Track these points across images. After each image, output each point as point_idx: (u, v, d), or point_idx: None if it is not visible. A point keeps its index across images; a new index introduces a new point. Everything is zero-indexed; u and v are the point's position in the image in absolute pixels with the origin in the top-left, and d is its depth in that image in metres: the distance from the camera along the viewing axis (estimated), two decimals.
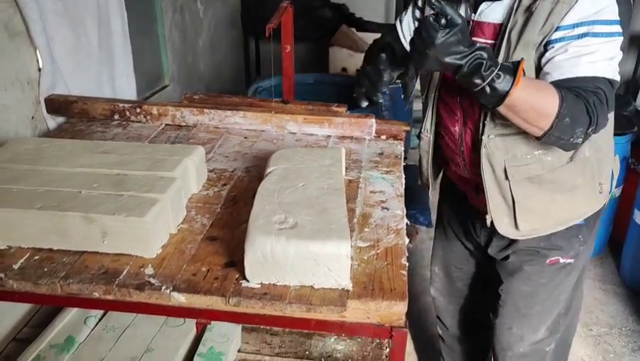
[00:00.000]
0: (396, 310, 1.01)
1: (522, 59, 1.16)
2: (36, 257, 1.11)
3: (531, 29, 1.23)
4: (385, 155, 1.59)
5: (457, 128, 1.45)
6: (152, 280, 1.05)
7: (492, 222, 1.43)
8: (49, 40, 1.74)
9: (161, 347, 1.51)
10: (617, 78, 1.21)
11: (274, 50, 2.02)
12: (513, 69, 1.14)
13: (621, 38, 1.19)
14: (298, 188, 1.21)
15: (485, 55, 1.13)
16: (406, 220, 1.28)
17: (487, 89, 1.14)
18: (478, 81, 1.13)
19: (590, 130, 1.19)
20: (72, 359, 1.46)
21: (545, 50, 1.25)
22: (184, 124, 1.79)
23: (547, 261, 1.49)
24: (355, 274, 1.07)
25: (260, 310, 1.02)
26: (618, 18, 1.18)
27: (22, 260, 1.10)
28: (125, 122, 1.79)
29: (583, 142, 1.23)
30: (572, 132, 1.18)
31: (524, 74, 1.15)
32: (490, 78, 1.12)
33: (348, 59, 3.77)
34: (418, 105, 1.67)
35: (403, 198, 1.37)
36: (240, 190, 1.40)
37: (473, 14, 1.34)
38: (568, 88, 1.17)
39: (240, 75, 4.63)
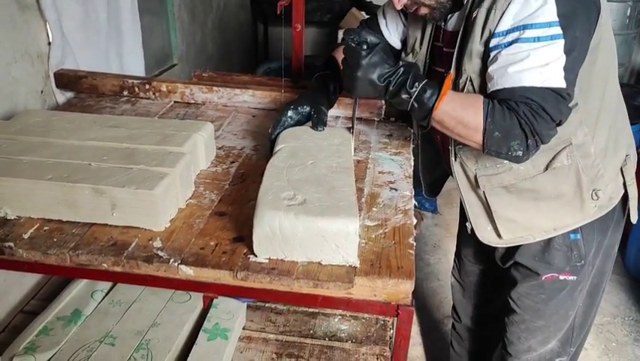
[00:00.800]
0: (402, 289, 1.01)
1: (449, 73, 1.18)
2: (45, 228, 1.12)
3: (474, 37, 1.19)
4: (394, 137, 1.59)
5: (438, 137, 1.43)
6: (161, 253, 1.05)
7: (473, 231, 1.40)
8: (59, 14, 1.74)
9: (167, 322, 1.52)
10: (559, 84, 1.10)
11: (284, 30, 2.01)
12: (439, 84, 1.14)
13: (561, 41, 1.08)
14: (307, 166, 1.21)
15: (410, 70, 1.15)
16: (414, 202, 1.28)
17: (415, 104, 1.15)
18: (405, 96, 1.15)
19: (530, 142, 1.12)
20: (79, 331, 1.47)
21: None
22: (193, 101, 1.78)
23: (544, 278, 1.43)
24: (363, 252, 1.07)
25: (267, 285, 1.02)
26: (556, 19, 1.08)
27: (31, 230, 1.10)
28: (133, 99, 1.79)
29: (530, 154, 1.15)
30: (507, 146, 1.13)
31: (461, 89, 1.19)
32: (416, 93, 1.14)
33: None
34: None
35: (412, 179, 1.37)
36: (248, 168, 1.40)
37: (443, 23, 1.32)
38: (500, 100, 1.13)
39: (247, 57, 4.62)
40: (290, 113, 1.39)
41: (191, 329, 1.55)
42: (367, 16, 1.53)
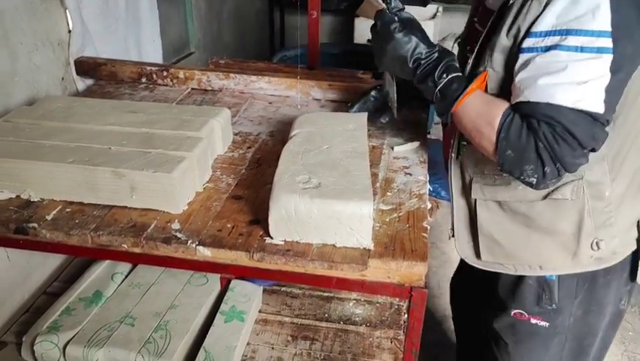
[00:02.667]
0: (416, 271, 1.02)
1: (483, 70, 1.05)
2: (67, 210, 1.15)
3: (502, 28, 1.02)
4: (409, 122, 1.59)
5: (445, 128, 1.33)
6: (179, 235, 1.08)
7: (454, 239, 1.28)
8: (78, 2, 1.77)
9: (185, 304, 1.55)
10: (595, 108, 0.91)
11: (300, 19, 2.02)
12: (468, 79, 1.05)
13: (609, 56, 0.90)
14: (322, 150, 1.22)
15: (444, 58, 1.06)
16: (428, 186, 1.28)
17: (439, 95, 1.07)
18: (430, 84, 1.06)
19: (548, 170, 0.96)
20: (100, 311, 1.51)
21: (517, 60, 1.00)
22: (210, 88, 1.80)
23: (512, 313, 1.26)
24: (377, 235, 1.08)
25: (283, 267, 1.04)
26: (609, 28, 0.90)
27: (54, 212, 1.14)
28: (152, 86, 1.82)
29: (548, 183, 1.00)
30: (519, 169, 0.98)
31: (486, 88, 1.04)
32: (442, 84, 1.05)
33: None
34: None
35: (427, 164, 1.37)
36: (264, 153, 1.41)
37: None
38: (522, 115, 0.97)
39: (263, 45, 4.63)
40: (374, 93, 1.36)
41: (208, 311, 1.58)
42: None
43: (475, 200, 1.20)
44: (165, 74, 1.81)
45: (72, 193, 1.16)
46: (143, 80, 1.83)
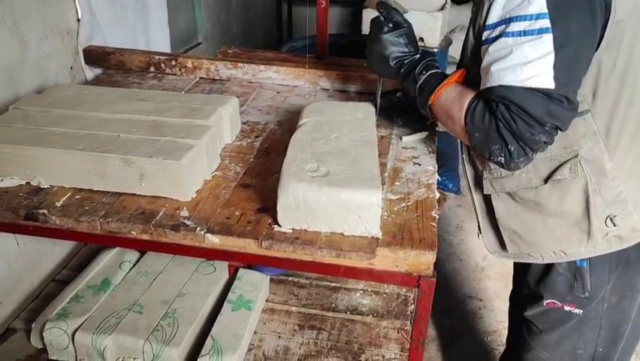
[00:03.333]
0: (424, 260, 1.02)
1: (461, 69, 1.15)
2: (77, 196, 1.15)
3: (469, 28, 1.14)
4: (419, 113, 1.58)
5: None
6: (187, 222, 1.08)
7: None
8: None
9: (192, 293, 1.56)
10: (545, 84, 0.97)
11: (308, 9, 2.01)
12: (444, 76, 1.15)
13: (549, 35, 0.96)
14: (331, 139, 1.22)
15: (425, 57, 1.18)
16: (437, 176, 1.28)
17: (418, 90, 1.18)
18: (411, 81, 1.18)
19: (512, 148, 1.02)
20: (108, 299, 1.52)
21: None
22: (218, 78, 1.80)
23: (545, 303, 1.28)
24: (385, 224, 1.08)
25: (291, 254, 1.04)
26: (545, 11, 0.96)
27: (64, 198, 1.14)
28: (160, 75, 1.82)
29: (518, 162, 1.05)
30: (488, 150, 1.06)
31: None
32: (421, 80, 1.16)
33: None
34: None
35: (435, 154, 1.37)
36: (272, 142, 1.41)
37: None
38: (485, 100, 1.05)
39: (271, 36, 4.62)
40: (399, 94, 1.46)
41: (215, 299, 1.59)
42: None
43: (490, 195, 1.24)
44: (174, 63, 1.81)
45: (81, 180, 1.16)
46: (152, 69, 1.83)
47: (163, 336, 1.40)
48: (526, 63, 0.98)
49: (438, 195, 1.21)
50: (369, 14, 3.85)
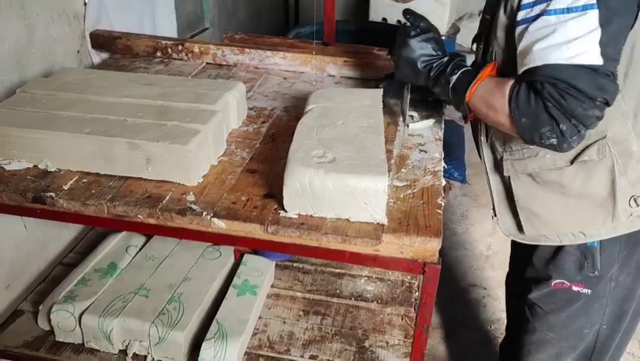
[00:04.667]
0: (430, 247, 1.02)
1: (491, 61, 1.14)
2: (84, 180, 1.16)
3: (500, 8, 1.10)
4: (426, 101, 1.57)
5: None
6: (194, 206, 1.08)
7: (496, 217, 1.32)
8: None
9: (198, 277, 1.57)
10: (593, 60, 0.96)
11: None
12: (474, 72, 1.13)
13: (595, 11, 0.95)
14: (337, 125, 1.21)
15: (454, 59, 1.17)
16: (443, 164, 1.28)
17: (452, 91, 1.16)
18: (443, 83, 1.17)
19: (564, 127, 0.99)
20: (115, 282, 1.53)
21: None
22: (224, 63, 1.80)
23: (554, 284, 1.29)
24: (391, 211, 1.08)
25: (296, 240, 1.05)
26: None
27: (71, 182, 1.15)
28: (166, 60, 1.81)
29: (571, 142, 1.02)
30: (538, 133, 1.02)
31: (498, 74, 1.12)
32: (454, 80, 1.14)
33: (388, 9, 3.69)
34: None
35: (442, 142, 1.36)
36: (279, 128, 1.41)
37: None
38: (528, 83, 1.03)
39: (278, 22, 4.59)
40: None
41: (221, 284, 1.60)
42: None
43: (509, 177, 1.23)
44: (180, 48, 1.81)
45: (88, 164, 1.17)
46: (158, 54, 1.82)
47: (169, 320, 1.41)
48: (572, 40, 0.97)
49: (444, 182, 1.21)
50: (376, 1, 3.83)
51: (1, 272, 1.53)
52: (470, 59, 1.30)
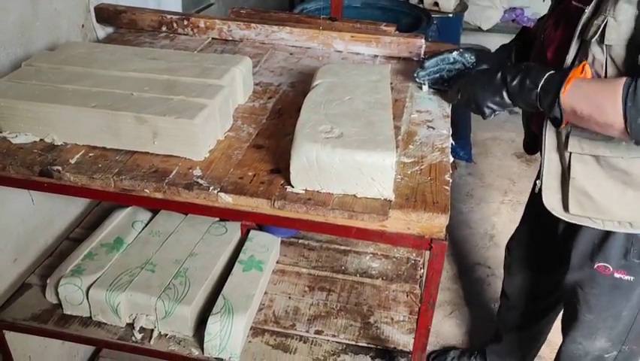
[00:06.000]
0: (437, 223, 1.02)
1: (583, 60, 1.08)
2: (90, 154, 1.16)
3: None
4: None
5: None
6: (201, 181, 1.08)
7: (540, 191, 1.30)
8: None
9: (204, 253, 1.58)
10: None
11: None
12: (566, 71, 1.07)
13: None
14: (344, 101, 1.20)
15: (529, 64, 1.14)
16: (451, 141, 1.27)
17: (541, 93, 1.09)
18: (530, 85, 1.10)
19: None
20: (121, 257, 1.54)
21: None
22: (230, 38, 1.78)
23: (596, 267, 1.32)
24: (398, 187, 1.08)
25: (303, 215, 1.05)
26: None
27: (77, 156, 1.15)
28: (172, 35, 1.79)
29: None
30: None
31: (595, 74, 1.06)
32: (542, 81, 1.08)
33: None
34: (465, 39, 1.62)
35: (450, 118, 1.35)
36: (285, 104, 1.40)
37: None
38: None
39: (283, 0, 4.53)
40: (455, 54, 1.38)
41: (227, 260, 1.61)
42: None
43: (571, 153, 1.20)
44: (186, 23, 1.79)
45: (95, 138, 1.16)
46: (164, 28, 1.80)
47: (175, 294, 1.42)
48: None
49: (452, 159, 1.20)
50: None
51: (9, 246, 1.54)
52: (476, 39, 1.29)
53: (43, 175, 1.11)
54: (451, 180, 1.10)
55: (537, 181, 1.31)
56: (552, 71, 1.10)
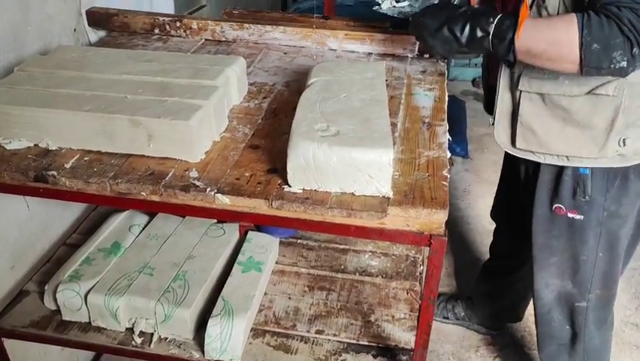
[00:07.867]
0: (436, 219, 1.02)
1: (524, 1, 1.13)
2: (85, 158, 1.15)
3: None
4: (428, 72, 1.56)
5: None
6: (197, 183, 1.07)
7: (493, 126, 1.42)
8: None
9: (202, 255, 1.57)
10: None
11: None
12: (513, 13, 1.12)
13: None
14: (340, 99, 1.20)
15: (480, 9, 1.18)
16: (448, 136, 1.27)
17: (495, 40, 1.15)
18: (481, 34, 1.15)
19: (635, 51, 1.05)
20: (119, 261, 1.53)
21: None
22: (224, 39, 1.77)
23: (554, 208, 1.44)
24: (396, 184, 1.07)
25: (301, 215, 1.04)
26: None
27: (72, 160, 1.14)
28: (165, 37, 1.79)
29: (636, 64, 1.07)
30: (608, 59, 1.06)
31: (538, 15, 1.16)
32: (493, 27, 1.14)
33: None
34: None
35: (446, 114, 1.35)
36: (280, 103, 1.39)
37: None
38: (595, 11, 1.07)
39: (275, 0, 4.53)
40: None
41: (225, 262, 1.60)
42: None
43: (520, 92, 1.32)
44: (178, 24, 1.78)
45: (89, 142, 1.15)
46: (156, 31, 1.80)
47: (174, 297, 1.41)
48: None
49: (449, 154, 1.20)
50: None
51: (6, 253, 1.53)
52: None
53: (39, 181, 1.10)
54: (448, 176, 1.10)
55: (490, 118, 1.44)
56: (499, 15, 1.15)
